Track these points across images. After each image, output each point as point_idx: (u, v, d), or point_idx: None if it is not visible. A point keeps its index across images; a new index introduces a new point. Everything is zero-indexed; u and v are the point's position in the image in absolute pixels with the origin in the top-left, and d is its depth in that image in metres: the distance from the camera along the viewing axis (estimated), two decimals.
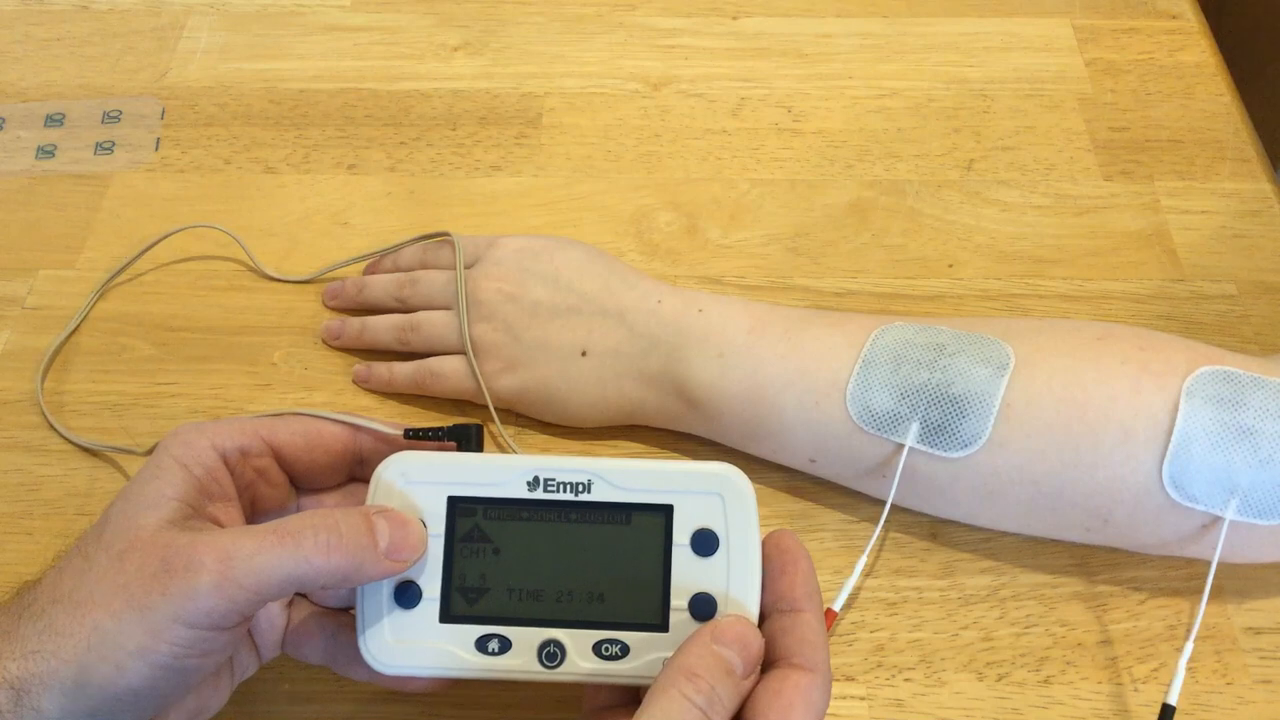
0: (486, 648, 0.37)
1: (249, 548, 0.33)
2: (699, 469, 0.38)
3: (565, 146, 0.64)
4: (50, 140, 0.65)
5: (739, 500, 0.37)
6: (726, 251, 0.59)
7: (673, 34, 0.70)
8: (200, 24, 0.71)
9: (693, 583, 0.37)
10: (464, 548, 0.38)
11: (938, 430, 0.44)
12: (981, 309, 0.57)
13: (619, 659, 0.37)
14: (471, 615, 0.37)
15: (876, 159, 0.63)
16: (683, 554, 0.37)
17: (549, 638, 0.37)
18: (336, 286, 0.56)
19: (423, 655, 0.37)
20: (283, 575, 0.34)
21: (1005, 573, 0.48)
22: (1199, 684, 0.45)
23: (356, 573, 0.35)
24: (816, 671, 0.34)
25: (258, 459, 0.39)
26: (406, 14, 0.71)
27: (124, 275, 0.58)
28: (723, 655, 0.34)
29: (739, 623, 0.35)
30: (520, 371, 0.50)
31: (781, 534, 0.37)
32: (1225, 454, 0.42)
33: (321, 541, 0.34)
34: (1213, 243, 0.59)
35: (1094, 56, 0.69)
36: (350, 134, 0.65)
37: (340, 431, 0.41)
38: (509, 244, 0.53)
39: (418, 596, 0.38)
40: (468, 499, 0.38)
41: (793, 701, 0.33)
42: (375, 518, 0.36)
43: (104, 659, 0.32)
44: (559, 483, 0.38)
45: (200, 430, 0.38)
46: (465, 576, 0.38)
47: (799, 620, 0.35)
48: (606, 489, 0.38)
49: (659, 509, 0.38)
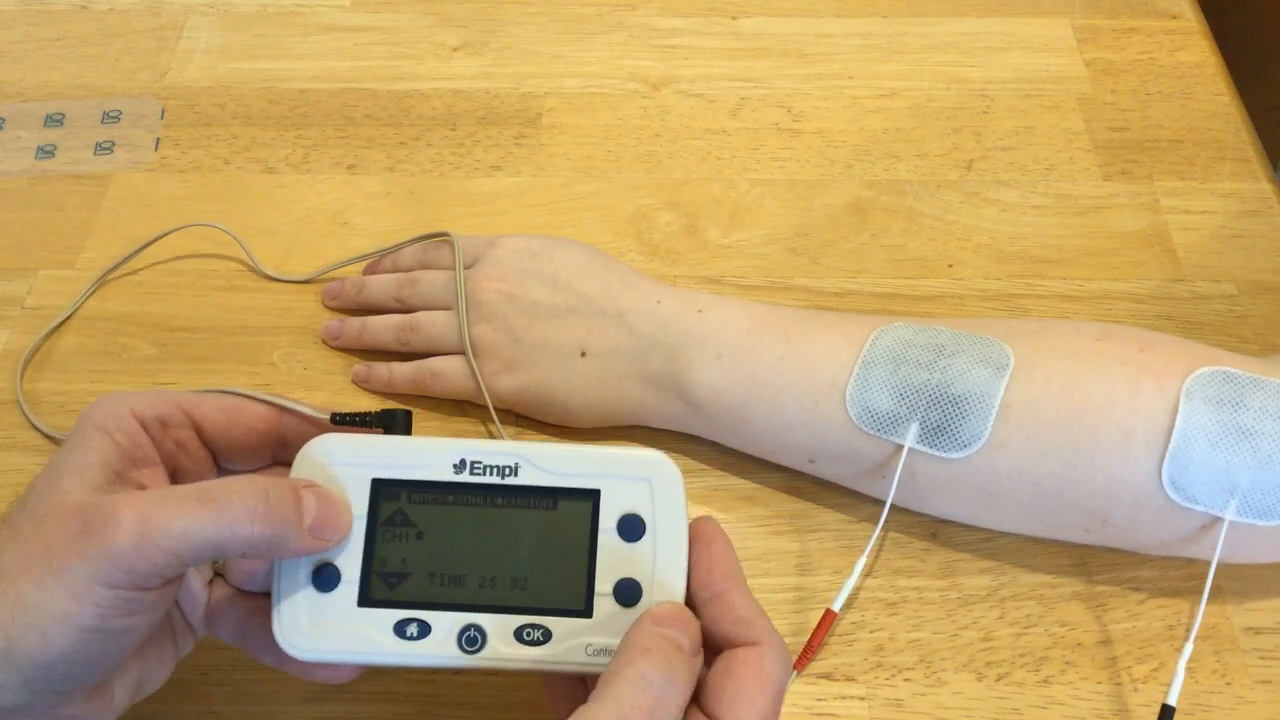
0: (405, 632, 0.36)
1: (171, 509, 0.33)
2: (627, 454, 0.38)
3: (565, 146, 0.64)
4: (50, 140, 0.65)
5: (667, 486, 0.37)
6: (726, 251, 0.59)
7: (673, 34, 0.70)
8: (200, 24, 0.71)
9: (618, 568, 0.37)
10: (386, 531, 0.37)
11: (937, 431, 0.44)
12: (981, 309, 0.57)
13: (540, 644, 0.36)
14: (391, 600, 0.37)
15: (876, 159, 0.63)
16: (609, 539, 0.37)
17: (470, 622, 0.36)
18: (336, 287, 0.56)
19: (338, 639, 0.36)
20: (203, 539, 0.33)
21: (1005, 573, 0.48)
22: (1199, 684, 0.45)
23: (279, 545, 0.35)
24: (762, 643, 0.34)
25: (178, 430, 0.39)
26: (406, 14, 0.71)
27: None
28: (669, 634, 0.33)
29: (672, 605, 0.35)
30: (520, 372, 0.50)
31: (700, 521, 0.37)
32: (1225, 455, 0.42)
33: (248, 508, 0.33)
34: (1212, 243, 0.59)
35: (1094, 56, 0.69)
36: (350, 134, 0.65)
37: (265, 412, 0.41)
38: (508, 244, 0.53)
39: (336, 579, 0.37)
40: (392, 481, 0.37)
41: (744, 675, 0.33)
42: (304, 491, 0.35)
43: (29, 627, 0.32)
44: (485, 465, 0.37)
45: (121, 398, 0.38)
46: (386, 560, 0.37)
47: (727, 602, 0.35)
48: (534, 473, 0.37)
49: (586, 493, 0.37)
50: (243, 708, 0.44)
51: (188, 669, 0.43)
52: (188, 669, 0.43)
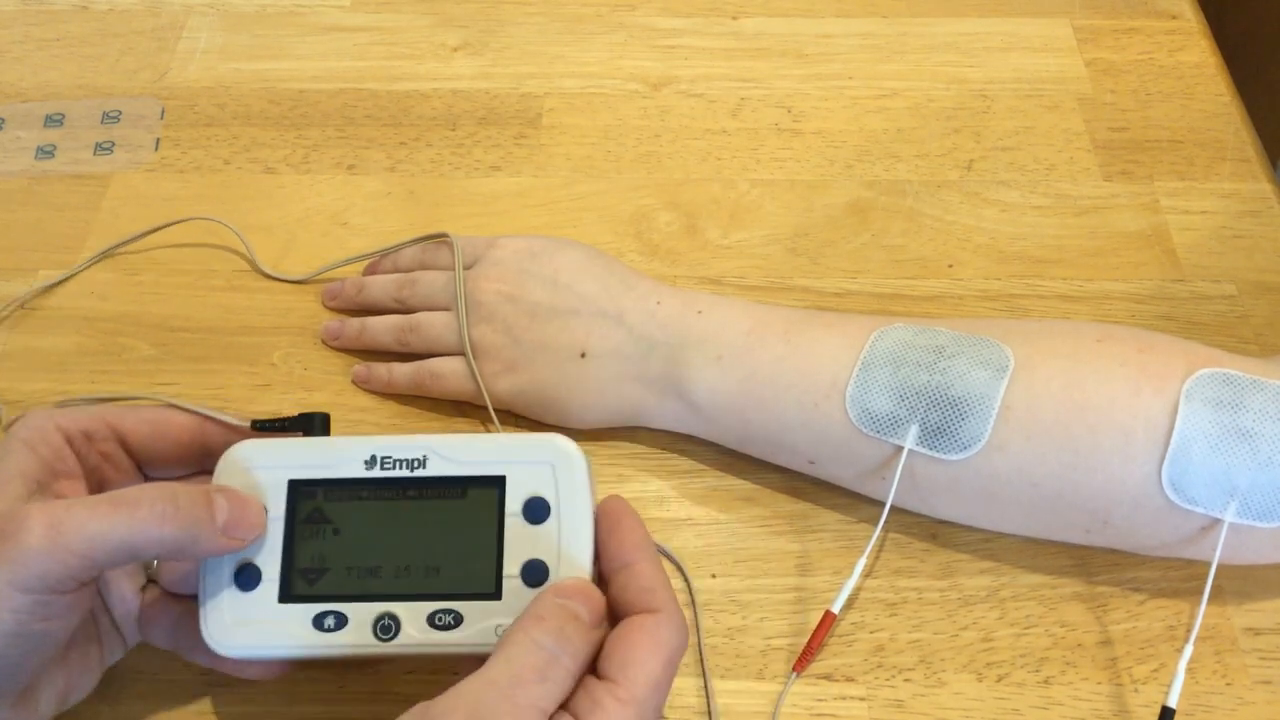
0: (323, 625, 0.38)
1: (81, 515, 0.34)
2: (530, 440, 0.39)
3: (565, 147, 0.64)
4: (50, 140, 0.65)
5: (569, 468, 0.39)
6: (726, 252, 0.59)
7: (673, 34, 0.70)
8: (200, 24, 0.71)
9: (525, 550, 0.38)
10: (304, 529, 0.39)
11: (937, 432, 0.44)
12: (981, 309, 0.57)
13: (452, 628, 0.38)
14: (310, 595, 0.38)
15: (876, 159, 0.63)
16: (515, 523, 0.38)
17: (384, 611, 0.38)
18: (336, 287, 0.56)
19: (260, 635, 0.38)
20: (115, 541, 0.34)
21: (1005, 573, 0.48)
22: (1199, 685, 0.45)
23: (192, 545, 0.36)
24: (661, 611, 0.35)
25: (103, 443, 0.41)
26: (406, 14, 0.71)
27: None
28: (567, 604, 0.35)
29: (576, 580, 0.36)
30: (519, 373, 0.50)
31: (607, 500, 0.39)
32: (1225, 456, 0.42)
33: (157, 511, 0.35)
34: (1212, 243, 0.59)
35: (1094, 56, 0.69)
36: (350, 134, 0.65)
37: (188, 422, 0.42)
38: (508, 245, 0.53)
39: (257, 578, 0.38)
40: (308, 481, 0.39)
41: (638, 640, 0.34)
42: (215, 494, 0.37)
43: None
44: (395, 459, 0.39)
45: (46, 414, 0.40)
46: (305, 557, 0.39)
47: (634, 572, 0.36)
48: (441, 463, 0.39)
49: (492, 480, 0.39)
50: (241, 708, 0.44)
51: (188, 669, 0.44)
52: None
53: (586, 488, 0.39)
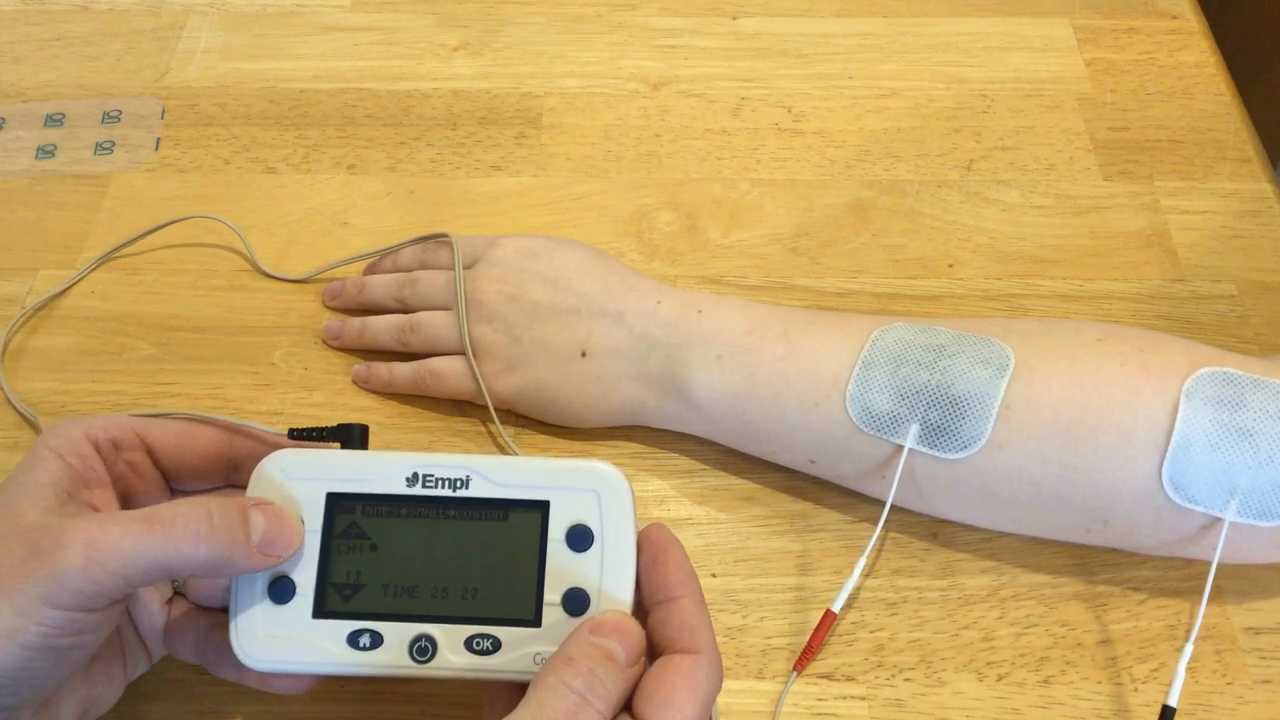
0: (358, 643, 0.37)
1: (116, 532, 0.34)
2: (576, 466, 0.38)
3: (565, 146, 0.64)
4: (50, 140, 0.65)
5: (615, 497, 0.38)
6: (726, 251, 0.59)
7: (673, 34, 0.70)
8: (200, 24, 0.71)
9: (567, 578, 0.37)
10: (341, 544, 0.38)
11: (937, 431, 0.44)
12: (981, 309, 0.57)
13: (490, 654, 0.37)
14: (345, 611, 0.38)
15: (876, 159, 0.63)
16: (557, 549, 0.38)
17: (421, 633, 0.37)
18: (336, 287, 0.56)
19: (293, 650, 0.37)
20: (149, 561, 0.34)
21: (1005, 573, 0.48)
22: (1199, 684, 0.45)
23: (227, 564, 0.35)
24: (700, 653, 0.35)
25: (130, 452, 0.40)
26: (406, 14, 0.71)
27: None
28: (601, 643, 0.34)
29: (615, 614, 0.35)
30: (520, 372, 0.50)
31: (651, 528, 0.38)
32: (1225, 455, 0.42)
33: (192, 530, 0.34)
34: (1212, 243, 0.59)
35: (1094, 56, 0.69)
36: (350, 134, 0.65)
37: (217, 435, 0.42)
38: (508, 244, 0.53)
39: (291, 592, 0.38)
40: (346, 495, 0.38)
41: (675, 683, 0.34)
42: (251, 510, 0.36)
43: None
44: (437, 478, 0.38)
45: (75, 423, 0.39)
46: (341, 573, 0.38)
47: (676, 607, 0.36)
48: (484, 485, 0.38)
49: (535, 505, 0.38)
50: (242, 707, 0.44)
51: (188, 669, 0.44)
52: (188, 669, 0.44)
53: (631, 517, 0.38)
